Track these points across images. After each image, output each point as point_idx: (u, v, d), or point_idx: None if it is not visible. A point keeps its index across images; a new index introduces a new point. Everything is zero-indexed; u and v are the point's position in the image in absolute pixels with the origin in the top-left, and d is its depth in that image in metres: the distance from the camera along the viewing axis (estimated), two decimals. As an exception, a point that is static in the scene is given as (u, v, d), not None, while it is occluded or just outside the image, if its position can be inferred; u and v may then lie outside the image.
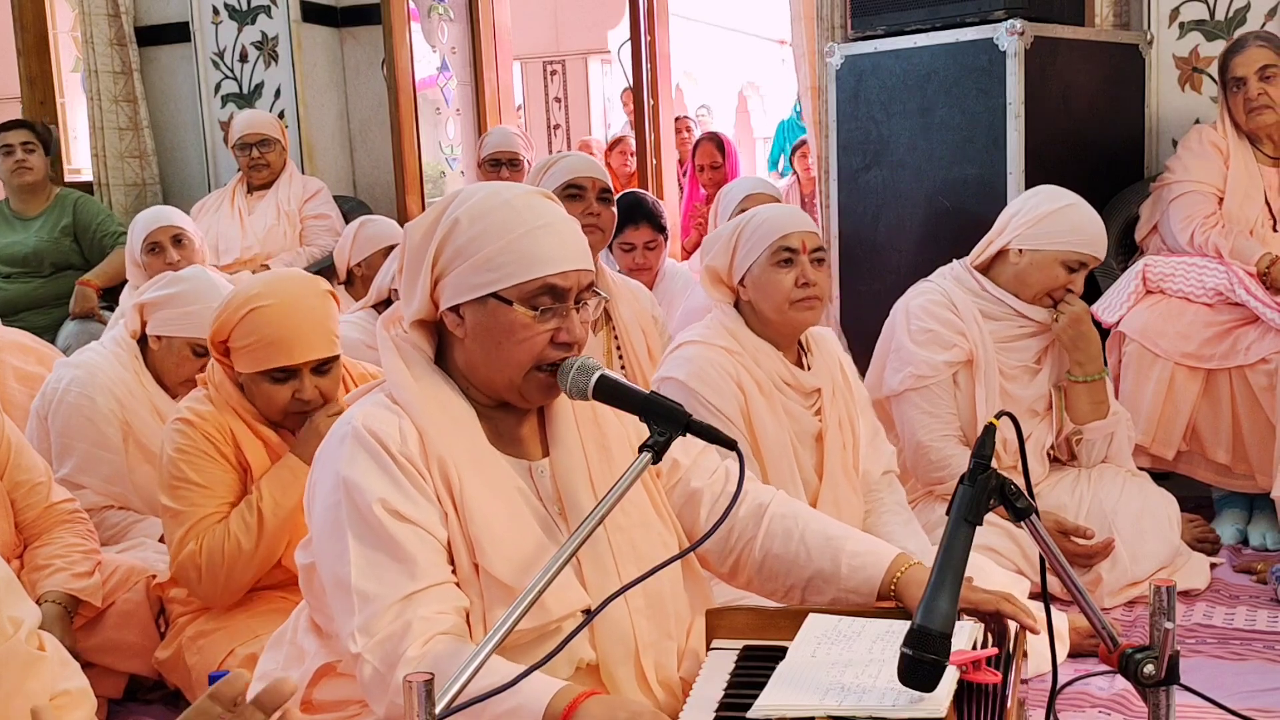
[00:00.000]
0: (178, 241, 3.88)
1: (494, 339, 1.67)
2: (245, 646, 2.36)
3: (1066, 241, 2.98)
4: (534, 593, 1.41)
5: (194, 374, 2.85)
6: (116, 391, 2.96)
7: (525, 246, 1.65)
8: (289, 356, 2.38)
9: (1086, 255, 3.00)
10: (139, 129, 5.49)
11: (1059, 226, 2.99)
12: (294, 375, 2.40)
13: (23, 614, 1.60)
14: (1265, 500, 3.35)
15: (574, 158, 3.29)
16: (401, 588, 1.57)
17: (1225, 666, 2.61)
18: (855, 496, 2.67)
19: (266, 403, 2.44)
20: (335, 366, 2.46)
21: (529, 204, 1.70)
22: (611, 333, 3.21)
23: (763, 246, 2.58)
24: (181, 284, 2.95)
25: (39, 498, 2.62)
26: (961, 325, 3.04)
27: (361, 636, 1.55)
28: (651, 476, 1.84)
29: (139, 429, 2.97)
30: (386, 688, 1.53)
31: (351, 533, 1.60)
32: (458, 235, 1.68)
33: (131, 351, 3.02)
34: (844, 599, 1.81)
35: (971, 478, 1.52)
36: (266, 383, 2.41)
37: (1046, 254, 2.99)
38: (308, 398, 2.41)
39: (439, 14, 5.70)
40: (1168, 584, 1.54)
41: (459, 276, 1.67)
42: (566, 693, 1.48)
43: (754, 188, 3.76)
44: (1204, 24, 3.98)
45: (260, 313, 2.36)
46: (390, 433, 1.65)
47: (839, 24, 4.30)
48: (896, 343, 3.10)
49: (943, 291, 3.09)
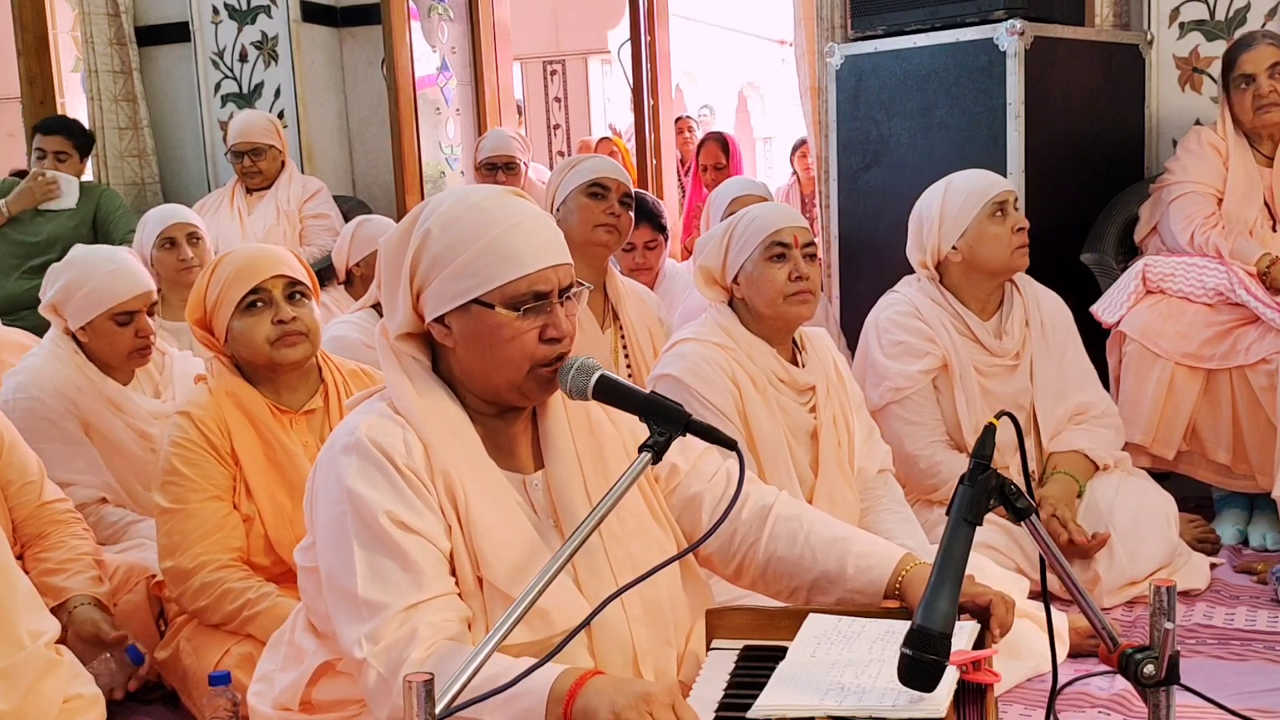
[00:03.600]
0: (193, 239, 3.88)
1: (483, 344, 1.67)
2: (241, 646, 2.37)
3: (972, 203, 3.00)
4: (536, 590, 1.41)
5: (132, 344, 2.96)
6: (65, 391, 2.95)
7: (501, 248, 1.64)
8: (256, 275, 2.45)
9: (998, 194, 3.01)
10: (139, 129, 5.48)
11: (955, 202, 3.03)
12: (268, 303, 2.45)
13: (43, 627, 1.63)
14: (1265, 500, 3.35)
15: (600, 159, 3.33)
16: (408, 596, 1.57)
17: (1225, 666, 2.61)
18: (851, 493, 2.69)
19: (251, 343, 2.46)
20: (309, 299, 2.52)
21: (500, 205, 1.68)
22: (619, 333, 3.23)
23: (755, 243, 2.60)
24: (68, 271, 3.00)
25: (31, 496, 2.62)
26: (930, 332, 3.05)
27: (368, 644, 1.55)
28: (650, 482, 1.84)
29: (98, 424, 2.96)
30: (390, 693, 1.53)
31: (357, 543, 1.60)
32: (432, 245, 1.67)
33: (70, 348, 3.02)
34: (849, 599, 1.80)
35: (971, 478, 1.52)
36: (246, 319, 2.45)
37: (974, 227, 3.01)
38: (286, 318, 2.45)
39: (439, 14, 5.69)
40: (1168, 584, 1.54)
41: (438, 287, 1.66)
42: (570, 673, 1.48)
43: (743, 189, 3.78)
44: (1204, 24, 3.98)
45: (225, 259, 2.50)
46: (395, 444, 1.65)
47: (839, 24, 4.29)
48: (870, 359, 3.11)
49: (908, 301, 3.10)
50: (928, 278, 3.11)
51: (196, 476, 2.43)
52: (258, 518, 2.46)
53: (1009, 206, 3.02)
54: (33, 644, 1.60)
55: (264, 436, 2.48)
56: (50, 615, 1.68)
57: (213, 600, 2.40)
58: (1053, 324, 3.13)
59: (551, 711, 1.45)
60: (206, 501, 2.43)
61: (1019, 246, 3.01)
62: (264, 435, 2.48)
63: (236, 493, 2.47)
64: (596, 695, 1.44)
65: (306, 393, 2.56)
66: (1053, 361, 3.10)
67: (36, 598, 1.67)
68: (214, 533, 2.42)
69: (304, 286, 2.52)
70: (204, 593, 2.40)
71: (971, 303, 3.09)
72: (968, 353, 3.05)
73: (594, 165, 3.26)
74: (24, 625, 1.58)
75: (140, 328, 2.99)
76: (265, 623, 2.30)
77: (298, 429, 2.52)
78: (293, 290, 2.49)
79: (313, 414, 2.55)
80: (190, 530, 2.42)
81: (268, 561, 2.47)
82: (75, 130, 4.93)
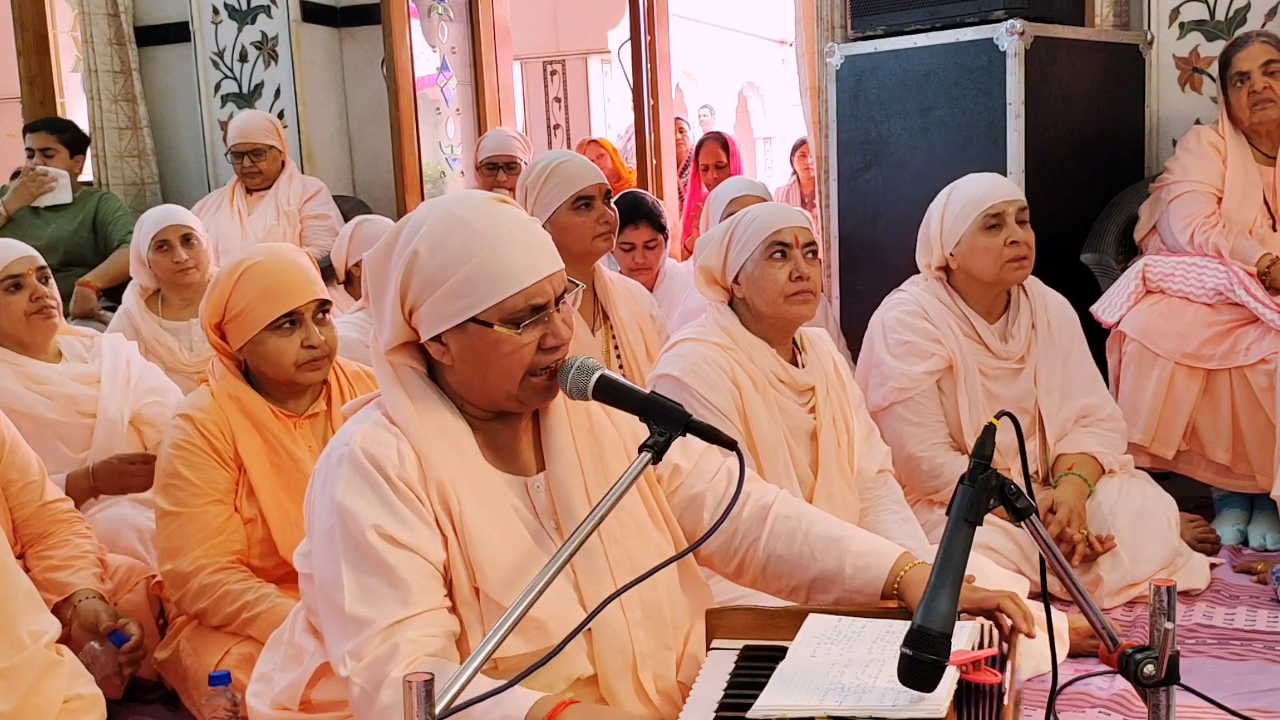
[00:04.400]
0: (186, 240, 3.88)
1: (482, 360, 1.65)
2: (241, 646, 2.37)
3: (967, 213, 2.99)
4: (534, 592, 1.41)
5: (27, 307, 2.98)
6: None
7: (492, 265, 1.62)
8: (290, 299, 2.42)
9: (992, 205, 2.97)
10: (138, 129, 5.49)
11: (953, 211, 3.02)
12: (298, 323, 2.43)
13: (43, 627, 1.63)
14: (1265, 500, 3.35)
15: (571, 165, 3.20)
16: (393, 613, 1.56)
17: (1225, 666, 2.61)
18: (850, 493, 2.69)
19: (276, 362, 2.44)
20: (330, 315, 2.51)
21: (485, 217, 1.65)
22: (610, 332, 3.21)
23: (756, 242, 2.60)
24: None
25: (33, 496, 2.63)
26: (937, 333, 3.04)
27: (351, 660, 1.56)
28: (650, 482, 1.84)
29: (14, 405, 2.93)
30: (372, 708, 1.53)
31: (345, 560, 1.60)
32: (421, 267, 1.64)
33: None
34: (848, 599, 1.80)
35: (971, 478, 1.51)
36: (274, 338, 2.43)
37: (967, 238, 3.00)
38: (316, 343, 2.44)
39: (439, 14, 5.69)
40: (1168, 584, 1.54)
41: (432, 308, 1.64)
42: (546, 702, 1.47)
43: (743, 189, 3.77)
44: (1204, 24, 3.98)
45: (253, 269, 2.43)
46: (389, 455, 1.64)
47: (839, 24, 4.29)
48: (875, 358, 3.11)
49: (915, 301, 3.10)
50: (934, 279, 3.11)
51: (198, 480, 2.42)
52: (259, 520, 2.45)
53: (1007, 218, 2.96)
54: (33, 644, 1.60)
55: (268, 440, 2.48)
56: (51, 615, 1.68)
57: (212, 602, 2.40)
58: (1059, 326, 3.12)
59: None
60: (207, 505, 2.43)
61: (1010, 260, 2.96)
62: (268, 439, 2.48)
63: (238, 495, 2.47)
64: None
65: (310, 396, 2.56)
66: (1058, 364, 3.10)
67: (36, 597, 1.67)
68: (213, 536, 2.42)
69: (329, 303, 2.51)
70: (203, 595, 2.40)
71: (977, 305, 3.08)
72: (973, 355, 3.04)
73: (570, 175, 3.15)
74: (24, 626, 1.58)
75: (33, 291, 3.01)
76: (265, 624, 2.30)
77: (301, 432, 2.52)
78: (321, 309, 2.48)
79: (316, 417, 2.55)
80: (190, 534, 2.41)
81: (269, 564, 2.47)
82: (61, 127, 4.96)
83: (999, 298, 3.11)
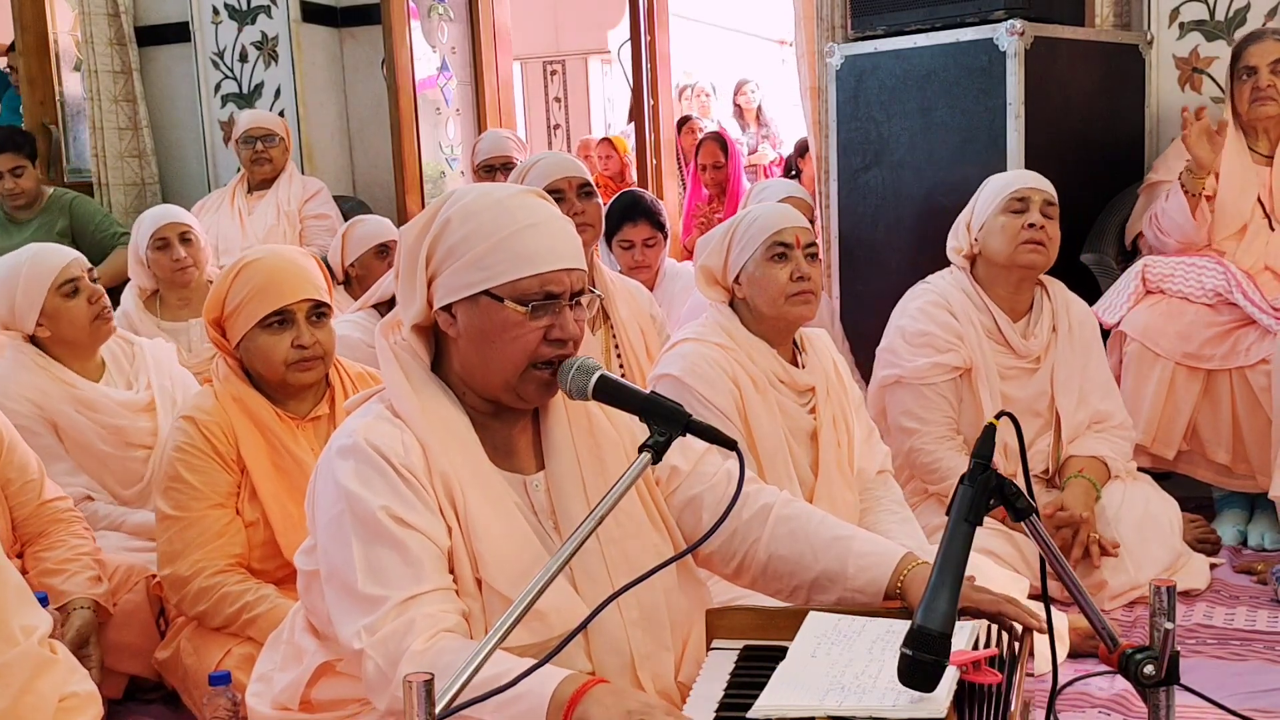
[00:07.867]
0: (185, 239, 3.87)
1: (487, 337, 1.67)
2: (242, 646, 2.36)
3: (995, 194, 3.04)
4: (535, 591, 1.41)
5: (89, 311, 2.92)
6: (29, 395, 2.89)
7: (516, 245, 1.65)
8: (282, 296, 2.42)
9: (1016, 190, 3.02)
10: (138, 129, 5.49)
11: (985, 193, 3.08)
12: (289, 322, 2.43)
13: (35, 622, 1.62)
14: (1265, 500, 3.35)
15: (547, 161, 3.24)
16: (406, 589, 1.57)
17: (1225, 667, 2.61)
18: (851, 494, 2.69)
19: (267, 360, 2.44)
20: (329, 320, 2.50)
21: (521, 203, 1.70)
22: (609, 332, 3.21)
23: (757, 243, 2.60)
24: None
25: (31, 495, 2.62)
26: (959, 328, 3.04)
27: (366, 635, 1.56)
28: (649, 484, 1.84)
29: (67, 428, 2.92)
30: (389, 683, 1.53)
31: (356, 539, 1.61)
32: (449, 235, 1.68)
33: (31, 353, 2.96)
34: (850, 598, 1.80)
35: (971, 478, 1.51)
36: (264, 336, 2.43)
37: (990, 218, 3.04)
38: (306, 343, 2.43)
39: (439, 14, 5.69)
40: (1168, 584, 1.54)
41: (451, 276, 1.67)
42: (573, 679, 1.47)
43: (790, 190, 3.76)
44: (1204, 24, 3.98)
45: (251, 265, 2.44)
46: (393, 446, 1.65)
47: (839, 24, 4.30)
48: (889, 342, 3.12)
49: (940, 293, 3.10)
50: (960, 268, 3.12)
51: (200, 484, 2.42)
52: (261, 522, 2.45)
53: (1031, 205, 3.00)
54: (25, 640, 1.58)
55: (271, 443, 2.47)
56: (42, 610, 1.67)
57: (211, 605, 2.39)
58: (1079, 329, 3.13)
59: (552, 717, 1.45)
60: (209, 509, 2.42)
61: (1025, 241, 2.99)
62: (271, 442, 2.47)
63: (240, 498, 2.46)
64: (597, 705, 1.44)
65: (313, 399, 2.55)
66: (1078, 366, 3.10)
67: (27, 591, 1.66)
68: (213, 540, 2.41)
69: (327, 306, 2.50)
70: (202, 597, 2.40)
71: (1001, 301, 3.09)
72: (992, 354, 3.04)
73: (541, 171, 3.17)
74: (15, 620, 1.57)
75: (90, 293, 2.95)
76: (265, 624, 2.30)
77: (305, 435, 2.51)
78: (316, 311, 2.47)
79: (319, 420, 2.54)
80: (191, 538, 2.41)
81: (271, 566, 2.46)
82: (19, 141, 4.85)
83: (1021, 292, 3.10)
